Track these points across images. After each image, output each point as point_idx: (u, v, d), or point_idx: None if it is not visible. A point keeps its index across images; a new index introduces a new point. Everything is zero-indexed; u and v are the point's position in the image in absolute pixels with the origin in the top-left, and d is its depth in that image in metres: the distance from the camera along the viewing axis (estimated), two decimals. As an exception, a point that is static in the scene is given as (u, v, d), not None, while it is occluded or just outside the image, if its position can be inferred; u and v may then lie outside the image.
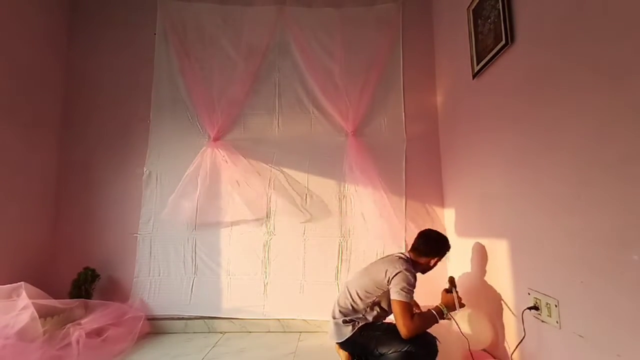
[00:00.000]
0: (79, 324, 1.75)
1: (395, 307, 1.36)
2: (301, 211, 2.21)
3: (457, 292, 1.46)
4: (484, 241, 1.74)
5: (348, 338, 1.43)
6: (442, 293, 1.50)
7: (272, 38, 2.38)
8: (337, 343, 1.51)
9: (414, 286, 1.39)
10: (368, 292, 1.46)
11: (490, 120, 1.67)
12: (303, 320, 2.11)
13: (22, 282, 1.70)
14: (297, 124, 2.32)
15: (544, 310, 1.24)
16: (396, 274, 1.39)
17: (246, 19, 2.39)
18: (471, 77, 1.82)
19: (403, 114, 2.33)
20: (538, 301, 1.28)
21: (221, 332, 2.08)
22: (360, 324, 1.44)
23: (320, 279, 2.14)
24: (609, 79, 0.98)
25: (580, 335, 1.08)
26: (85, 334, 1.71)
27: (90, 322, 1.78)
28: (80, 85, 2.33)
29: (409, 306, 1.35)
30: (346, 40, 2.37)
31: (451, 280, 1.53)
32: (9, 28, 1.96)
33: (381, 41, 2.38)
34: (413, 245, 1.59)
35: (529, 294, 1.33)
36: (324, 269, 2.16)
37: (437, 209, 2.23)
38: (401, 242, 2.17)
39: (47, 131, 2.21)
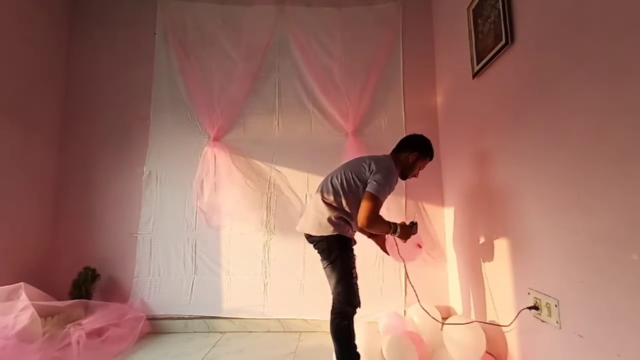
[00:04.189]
0: (79, 325, 1.75)
1: (366, 197, 1.37)
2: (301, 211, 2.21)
3: (415, 228, 1.53)
4: (484, 241, 1.74)
5: (322, 237, 1.44)
6: (403, 223, 1.52)
7: (272, 38, 2.38)
8: (306, 235, 1.52)
9: (391, 186, 1.42)
10: (350, 184, 1.45)
11: (490, 119, 1.67)
12: (303, 320, 2.11)
13: (22, 283, 1.70)
14: (297, 124, 2.32)
15: (544, 310, 1.24)
16: (378, 169, 1.40)
17: (246, 19, 2.39)
18: (471, 77, 1.81)
19: (403, 114, 2.33)
20: (538, 301, 1.28)
21: (221, 332, 2.08)
22: (342, 236, 1.45)
23: (320, 279, 2.11)
24: (609, 78, 0.98)
25: (580, 335, 1.08)
26: (86, 334, 1.71)
27: (90, 322, 1.78)
28: (80, 85, 2.33)
29: (379, 202, 1.37)
30: (346, 40, 2.37)
31: (416, 223, 1.57)
32: (9, 27, 1.96)
33: (381, 41, 2.38)
34: (395, 146, 1.61)
35: (529, 293, 1.33)
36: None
37: (437, 209, 2.23)
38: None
39: (47, 131, 2.21)
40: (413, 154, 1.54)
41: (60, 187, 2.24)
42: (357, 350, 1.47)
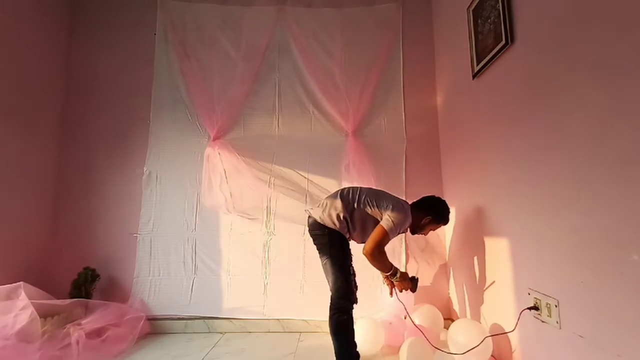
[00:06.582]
0: (79, 324, 1.74)
1: (377, 230, 1.46)
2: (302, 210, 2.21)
3: (414, 284, 1.58)
4: (484, 241, 1.74)
5: (326, 229, 1.52)
6: (406, 273, 1.57)
7: (272, 38, 2.38)
8: (311, 220, 1.59)
9: (401, 229, 1.51)
10: (365, 204, 1.55)
11: (490, 120, 1.67)
12: (303, 320, 2.11)
13: (21, 282, 1.69)
14: (297, 124, 2.32)
15: (544, 311, 1.24)
16: (396, 209, 1.49)
17: (246, 19, 2.39)
18: (471, 77, 1.82)
19: (403, 114, 2.33)
20: (538, 301, 1.28)
21: (221, 332, 2.08)
22: (343, 235, 1.53)
23: (320, 279, 2.11)
24: (609, 79, 0.98)
25: (580, 336, 1.08)
26: (85, 334, 1.71)
27: (90, 322, 1.78)
28: (80, 86, 2.33)
29: (387, 239, 1.45)
30: (346, 40, 2.37)
31: (417, 279, 1.60)
32: (9, 28, 1.96)
33: (381, 41, 2.38)
34: (416, 200, 1.70)
35: (529, 294, 1.33)
36: (324, 269, 2.16)
37: (437, 209, 2.23)
38: (401, 243, 2.17)
39: (47, 131, 2.21)
40: (427, 217, 1.63)
41: (60, 187, 2.24)
42: (357, 349, 1.48)
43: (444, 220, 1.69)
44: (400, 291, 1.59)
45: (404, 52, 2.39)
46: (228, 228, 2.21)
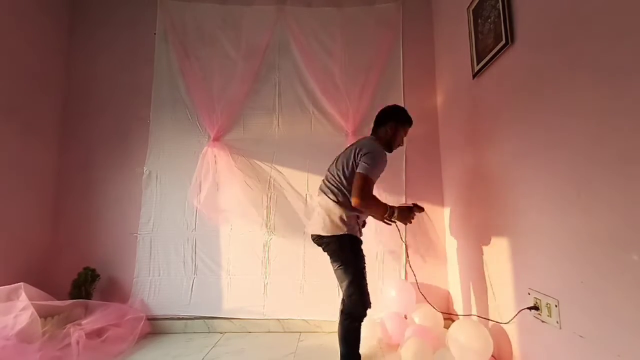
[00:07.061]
0: (79, 325, 1.75)
1: (356, 178, 1.39)
2: (301, 209, 2.21)
3: (417, 208, 1.53)
4: (484, 241, 1.73)
5: (332, 237, 1.45)
6: (403, 206, 1.52)
7: (272, 38, 2.38)
8: (314, 236, 1.53)
9: (380, 166, 1.45)
10: (344, 172, 1.48)
11: (490, 119, 1.67)
12: (303, 320, 2.11)
13: (22, 283, 1.70)
14: (297, 124, 2.32)
15: (544, 311, 1.24)
16: (366, 153, 1.43)
17: (246, 18, 2.39)
18: (471, 77, 1.82)
19: (403, 114, 2.32)
20: (538, 301, 1.28)
21: (221, 332, 2.08)
22: (353, 236, 1.47)
23: (320, 279, 2.13)
24: (609, 79, 0.98)
25: (580, 336, 1.08)
26: (86, 334, 1.71)
27: (90, 322, 1.78)
28: (80, 86, 2.33)
29: (370, 181, 1.39)
30: (346, 40, 2.37)
31: (420, 207, 1.56)
32: (9, 28, 1.96)
33: (381, 41, 2.38)
34: (373, 123, 1.66)
35: (529, 294, 1.33)
36: (323, 269, 2.13)
37: (437, 209, 2.23)
38: (401, 243, 2.17)
39: (47, 131, 2.21)
40: (389, 125, 1.57)
41: (60, 187, 2.24)
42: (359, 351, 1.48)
43: (407, 119, 1.62)
44: (405, 224, 1.53)
45: (404, 52, 2.39)
46: (228, 228, 2.21)
